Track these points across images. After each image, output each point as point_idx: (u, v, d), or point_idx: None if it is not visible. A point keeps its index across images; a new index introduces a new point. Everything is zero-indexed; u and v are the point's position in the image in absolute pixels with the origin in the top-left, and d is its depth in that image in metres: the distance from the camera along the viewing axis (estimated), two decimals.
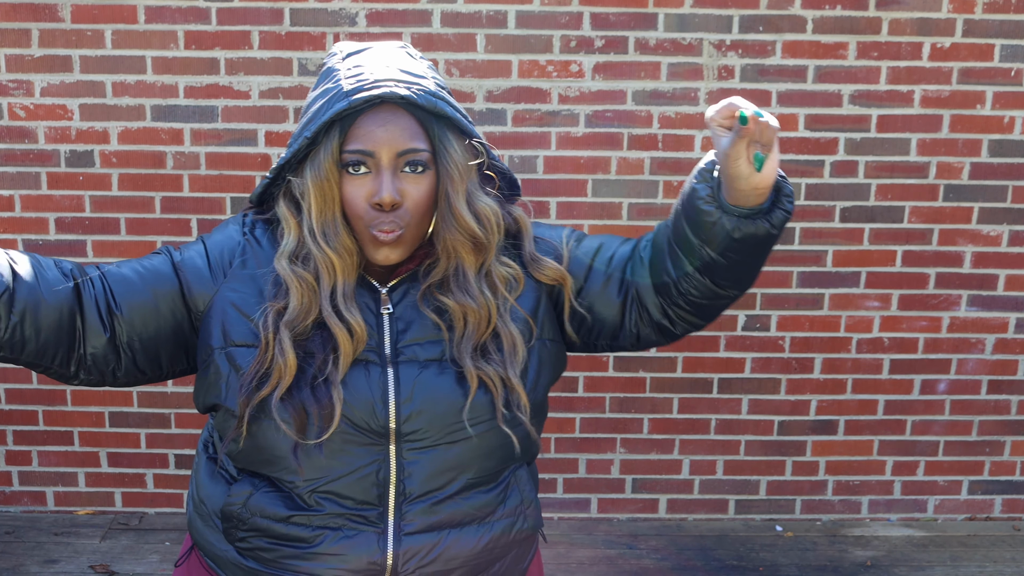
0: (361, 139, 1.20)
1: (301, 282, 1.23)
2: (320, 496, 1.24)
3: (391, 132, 1.20)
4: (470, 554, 1.27)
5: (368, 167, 1.21)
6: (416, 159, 1.21)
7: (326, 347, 1.23)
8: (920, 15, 2.82)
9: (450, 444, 1.24)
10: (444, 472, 1.25)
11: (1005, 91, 2.89)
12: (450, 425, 1.24)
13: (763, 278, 3.00)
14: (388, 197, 1.19)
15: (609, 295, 1.34)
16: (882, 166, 2.94)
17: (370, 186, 1.21)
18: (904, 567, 2.95)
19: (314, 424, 1.21)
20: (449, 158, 1.23)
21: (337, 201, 1.23)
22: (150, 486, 3.15)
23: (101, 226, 2.94)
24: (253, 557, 1.28)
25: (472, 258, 1.27)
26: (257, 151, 2.89)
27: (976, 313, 3.06)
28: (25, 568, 2.83)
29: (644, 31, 2.82)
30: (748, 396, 3.10)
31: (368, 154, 1.20)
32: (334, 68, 1.27)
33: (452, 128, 1.25)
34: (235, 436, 1.25)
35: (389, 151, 1.20)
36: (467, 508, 1.27)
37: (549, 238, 1.37)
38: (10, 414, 3.08)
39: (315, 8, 2.79)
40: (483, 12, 2.79)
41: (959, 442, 3.17)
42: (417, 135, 1.21)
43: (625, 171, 2.92)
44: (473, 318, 1.26)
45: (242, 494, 1.27)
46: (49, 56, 2.81)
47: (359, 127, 1.20)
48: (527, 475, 1.36)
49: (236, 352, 1.24)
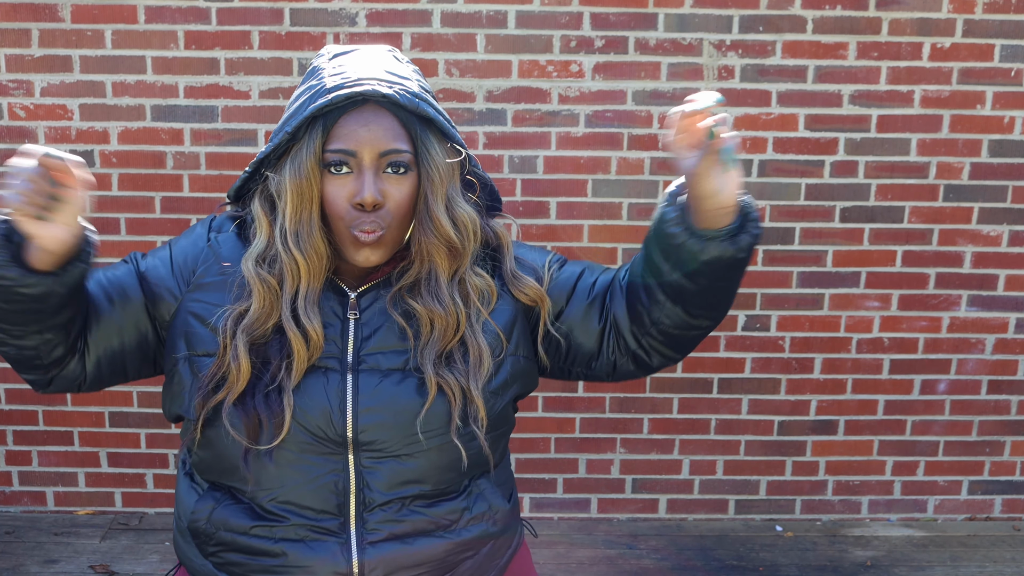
0: (343, 139, 1.19)
1: (264, 285, 1.22)
2: (278, 506, 1.23)
3: (374, 132, 1.19)
4: (436, 559, 1.26)
5: (350, 167, 1.20)
6: (398, 160, 1.20)
7: (282, 353, 1.21)
8: (920, 15, 2.82)
9: (408, 455, 1.23)
10: (404, 482, 1.23)
11: (1005, 91, 2.89)
12: (409, 436, 1.22)
13: (763, 278, 3.01)
14: (370, 197, 1.18)
15: (589, 322, 1.33)
16: (882, 166, 2.94)
17: (351, 186, 1.20)
18: (904, 567, 2.95)
19: (266, 432, 1.20)
20: (431, 160, 1.22)
21: (316, 201, 1.21)
22: (150, 486, 3.15)
23: (101, 226, 2.93)
24: (227, 572, 1.27)
25: (446, 264, 1.26)
26: (257, 151, 2.89)
27: (976, 313, 3.06)
28: (25, 568, 2.83)
29: (644, 31, 2.82)
30: (748, 396, 3.10)
31: (350, 154, 1.19)
32: (319, 67, 1.27)
33: (435, 131, 1.24)
34: (190, 441, 1.25)
35: (371, 151, 1.19)
36: (431, 516, 1.25)
37: (532, 260, 1.36)
38: (10, 414, 3.08)
39: (315, 8, 2.79)
40: (483, 12, 2.80)
41: (959, 442, 3.17)
42: (400, 136, 1.20)
43: (625, 171, 2.92)
44: (440, 324, 1.24)
45: (205, 508, 1.27)
46: (49, 56, 2.81)
47: (341, 127, 1.19)
48: (490, 484, 1.32)
49: (199, 362, 1.23)
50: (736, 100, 2.87)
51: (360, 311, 1.26)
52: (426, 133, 1.22)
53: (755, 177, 2.93)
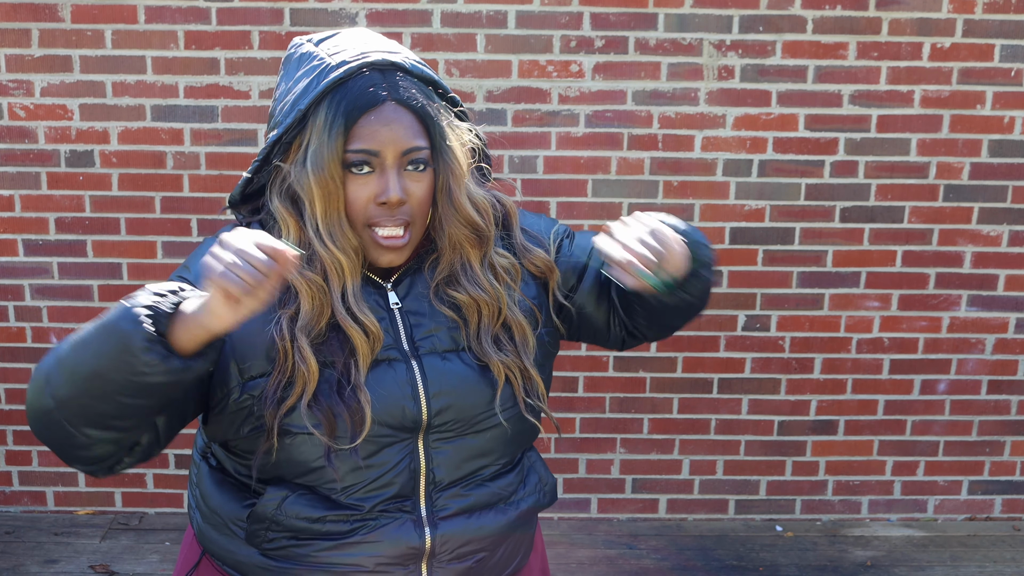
0: (365, 138, 1.18)
1: (311, 284, 1.19)
2: (357, 498, 1.23)
3: (395, 131, 1.18)
4: (499, 530, 1.31)
5: (372, 166, 1.19)
6: (418, 157, 1.21)
7: (343, 349, 1.21)
8: (920, 15, 2.82)
9: (476, 433, 1.27)
10: (470, 460, 1.27)
11: (1005, 91, 2.89)
12: (477, 415, 1.26)
13: (763, 278, 3.01)
14: (395, 197, 1.18)
15: (599, 302, 1.39)
16: (882, 166, 2.94)
17: (374, 186, 1.19)
18: (904, 567, 2.95)
19: (345, 429, 1.19)
20: (450, 153, 1.23)
21: (341, 200, 1.20)
22: (150, 486, 3.15)
23: (101, 226, 2.94)
24: (283, 556, 1.26)
25: (475, 251, 1.27)
26: (257, 151, 2.88)
27: (976, 313, 3.06)
28: (25, 568, 2.83)
29: (644, 31, 2.82)
30: (748, 396, 3.10)
31: (373, 154, 1.18)
32: (309, 52, 1.24)
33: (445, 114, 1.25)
34: (267, 449, 1.21)
35: (394, 150, 1.19)
36: (495, 490, 1.30)
37: (537, 230, 1.38)
38: (10, 414, 3.08)
39: (315, 8, 2.79)
40: (483, 12, 2.79)
41: (959, 442, 3.17)
42: (419, 133, 1.20)
43: (625, 171, 2.92)
44: (487, 310, 1.27)
45: (277, 496, 1.24)
46: (49, 56, 2.81)
47: (362, 126, 1.18)
48: (538, 456, 1.41)
49: (254, 384, 1.20)
50: (736, 100, 2.87)
51: (400, 299, 1.27)
52: (440, 126, 1.23)
53: (755, 177, 2.93)
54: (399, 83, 1.21)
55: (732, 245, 2.98)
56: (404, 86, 1.21)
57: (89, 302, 2.98)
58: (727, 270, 3.00)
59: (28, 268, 2.96)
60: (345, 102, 1.18)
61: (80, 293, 2.98)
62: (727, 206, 2.95)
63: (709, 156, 2.92)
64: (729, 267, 3.00)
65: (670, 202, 2.94)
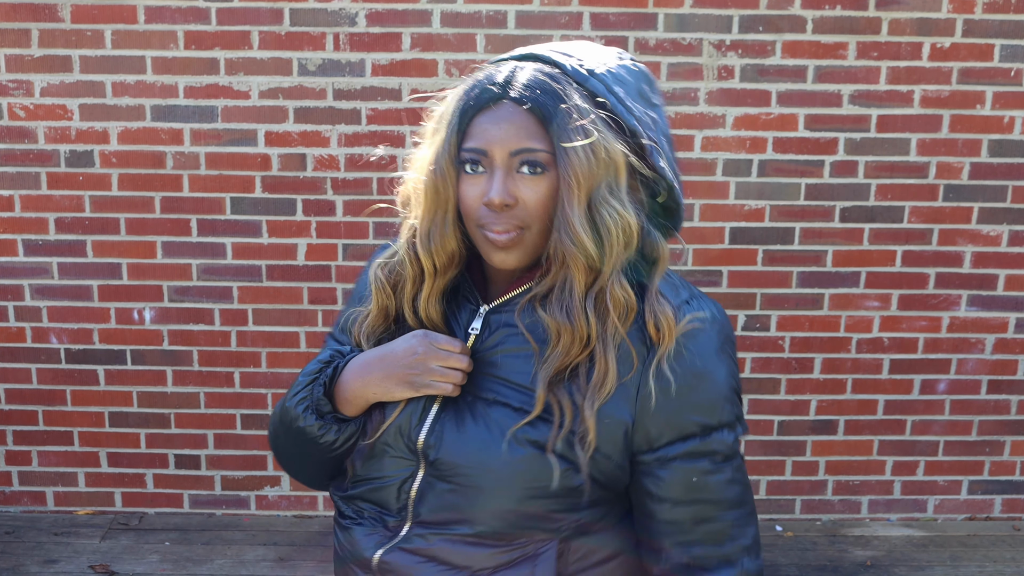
0: (476, 137, 1.13)
1: (379, 288, 1.24)
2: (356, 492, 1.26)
3: (505, 130, 1.11)
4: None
5: (483, 166, 1.13)
6: (532, 159, 1.11)
7: None
8: (920, 15, 2.82)
9: (463, 487, 1.15)
10: (449, 511, 1.17)
11: (1005, 91, 2.89)
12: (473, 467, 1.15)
13: (763, 278, 3.01)
14: (498, 199, 1.10)
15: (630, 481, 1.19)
16: (882, 166, 2.94)
17: (484, 186, 1.13)
18: (904, 567, 2.95)
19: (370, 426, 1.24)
20: (568, 161, 1.10)
21: (452, 201, 1.16)
22: (150, 486, 3.15)
23: (101, 226, 2.94)
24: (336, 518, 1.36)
25: (582, 276, 1.12)
26: (257, 151, 2.89)
27: (976, 313, 3.06)
28: (25, 568, 2.83)
29: (644, 31, 2.82)
30: (748, 396, 3.10)
31: (482, 152, 1.13)
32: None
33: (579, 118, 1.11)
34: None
35: (502, 150, 1.12)
36: (464, 555, 1.17)
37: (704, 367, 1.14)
38: (10, 414, 3.08)
39: (315, 8, 2.79)
40: (483, 12, 2.79)
41: (959, 442, 3.17)
42: (535, 135, 1.11)
43: None
44: (566, 339, 1.12)
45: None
46: (49, 56, 2.81)
47: (476, 125, 1.13)
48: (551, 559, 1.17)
49: None
50: (736, 100, 2.87)
51: (486, 328, 1.20)
52: (565, 129, 1.10)
53: (755, 177, 2.93)
54: (525, 81, 1.13)
55: (732, 245, 2.98)
56: (529, 85, 1.13)
57: (89, 302, 2.98)
58: (727, 270, 3.00)
59: (28, 268, 2.96)
60: (463, 101, 1.15)
61: (80, 293, 2.98)
62: (727, 206, 2.95)
63: (709, 156, 2.92)
64: (729, 267, 3.00)
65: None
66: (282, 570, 2.85)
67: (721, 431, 1.16)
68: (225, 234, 2.94)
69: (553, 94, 1.12)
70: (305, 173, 2.91)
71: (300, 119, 2.87)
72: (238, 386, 3.06)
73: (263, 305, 3.00)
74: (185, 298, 2.99)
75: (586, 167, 1.11)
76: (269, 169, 2.90)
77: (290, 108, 2.86)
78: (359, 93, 2.85)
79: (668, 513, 1.16)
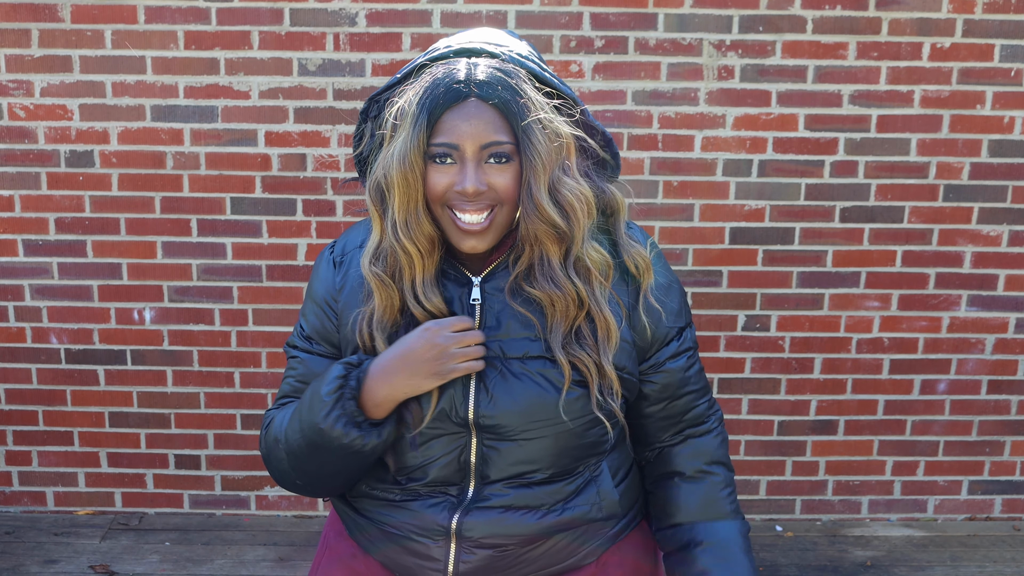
0: (446, 133, 1.23)
1: (380, 282, 1.28)
2: (405, 476, 1.33)
3: (474, 126, 1.23)
4: (530, 531, 1.32)
5: (453, 158, 1.24)
6: (500, 151, 1.24)
7: None
8: (920, 15, 2.82)
9: (525, 441, 1.28)
10: (517, 464, 1.30)
11: (1005, 91, 2.89)
12: (533, 422, 1.27)
13: (763, 278, 3.01)
14: (472, 188, 1.22)
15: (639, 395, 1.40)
16: (882, 166, 2.94)
17: (454, 176, 1.24)
18: (904, 567, 2.95)
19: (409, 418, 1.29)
20: (532, 149, 1.24)
21: (420, 191, 1.25)
22: (150, 486, 3.15)
23: (101, 226, 2.94)
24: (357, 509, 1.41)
25: (555, 247, 1.28)
26: (257, 151, 2.89)
27: (976, 313, 3.06)
28: (25, 568, 2.83)
29: (644, 31, 2.82)
30: (748, 396, 3.10)
31: (453, 147, 1.23)
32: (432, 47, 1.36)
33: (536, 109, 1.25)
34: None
35: (473, 144, 1.23)
36: (539, 494, 1.31)
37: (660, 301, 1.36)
38: (10, 414, 3.08)
39: (315, 8, 2.79)
40: (483, 12, 2.80)
41: (959, 442, 3.17)
42: (500, 128, 1.23)
43: (625, 171, 2.92)
44: (560, 304, 1.27)
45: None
46: (49, 56, 2.81)
47: (444, 121, 1.23)
48: (607, 472, 1.38)
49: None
50: (736, 100, 2.87)
51: (484, 297, 1.31)
52: (525, 121, 1.24)
53: (755, 177, 2.93)
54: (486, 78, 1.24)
55: (732, 245, 2.98)
56: (490, 82, 1.24)
57: (89, 302, 2.98)
58: (727, 270, 3.00)
59: (28, 268, 2.97)
60: (430, 99, 1.23)
61: (80, 293, 2.98)
62: (727, 206, 2.95)
63: (709, 156, 2.92)
64: (729, 267, 3.00)
65: (670, 202, 2.94)
66: (282, 570, 2.85)
67: (689, 328, 1.40)
68: (225, 234, 2.94)
69: (511, 89, 1.24)
70: (305, 173, 2.91)
71: (300, 119, 2.87)
72: (238, 386, 3.06)
73: (263, 305, 3.00)
74: (185, 298, 2.99)
75: (546, 152, 1.25)
76: (269, 169, 2.90)
77: (290, 108, 2.86)
78: (359, 93, 2.85)
79: (664, 411, 1.39)
